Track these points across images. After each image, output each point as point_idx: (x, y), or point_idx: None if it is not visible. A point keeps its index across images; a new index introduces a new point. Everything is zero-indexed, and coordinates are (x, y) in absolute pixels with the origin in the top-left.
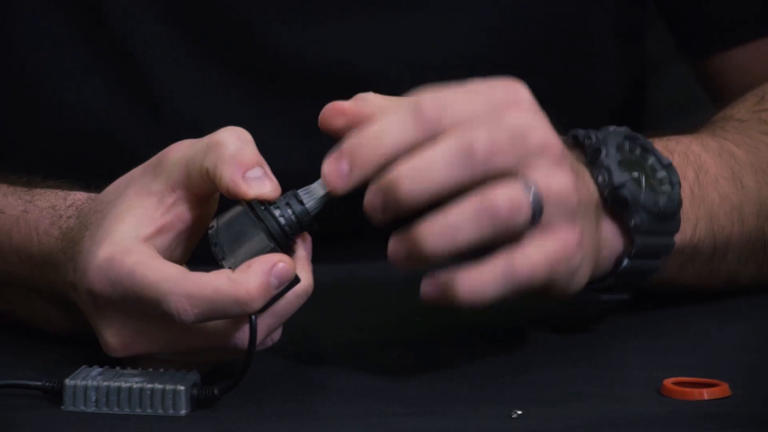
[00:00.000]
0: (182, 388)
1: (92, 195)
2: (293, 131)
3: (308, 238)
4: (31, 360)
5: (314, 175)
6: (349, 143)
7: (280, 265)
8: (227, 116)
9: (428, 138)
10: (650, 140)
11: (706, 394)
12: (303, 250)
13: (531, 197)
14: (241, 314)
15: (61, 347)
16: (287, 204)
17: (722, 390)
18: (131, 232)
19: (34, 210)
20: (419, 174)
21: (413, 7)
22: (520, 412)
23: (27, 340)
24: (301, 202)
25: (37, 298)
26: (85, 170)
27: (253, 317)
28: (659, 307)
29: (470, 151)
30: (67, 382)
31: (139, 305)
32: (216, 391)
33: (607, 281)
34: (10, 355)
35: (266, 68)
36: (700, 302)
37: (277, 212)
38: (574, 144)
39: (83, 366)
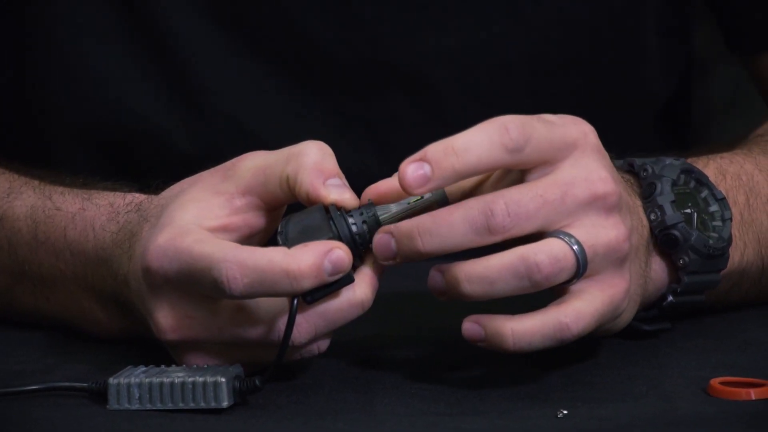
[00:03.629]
0: (223, 379)
1: (152, 196)
2: (334, 126)
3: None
4: (77, 363)
5: (351, 167)
6: (434, 149)
7: (338, 251)
8: (267, 112)
9: (511, 163)
10: (706, 157)
11: (753, 394)
12: (372, 267)
13: (574, 253)
14: (290, 292)
15: (108, 349)
16: (362, 213)
17: None
18: (193, 220)
19: (92, 207)
20: (437, 234)
21: (454, 3)
22: (565, 412)
23: (73, 343)
24: (375, 215)
25: (86, 299)
26: (127, 165)
27: (294, 300)
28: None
29: (488, 218)
30: (111, 380)
31: (193, 279)
32: (258, 382)
33: (651, 313)
34: (56, 358)
35: (306, 64)
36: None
37: (350, 219)
38: (630, 171)
39: (128, 366)
